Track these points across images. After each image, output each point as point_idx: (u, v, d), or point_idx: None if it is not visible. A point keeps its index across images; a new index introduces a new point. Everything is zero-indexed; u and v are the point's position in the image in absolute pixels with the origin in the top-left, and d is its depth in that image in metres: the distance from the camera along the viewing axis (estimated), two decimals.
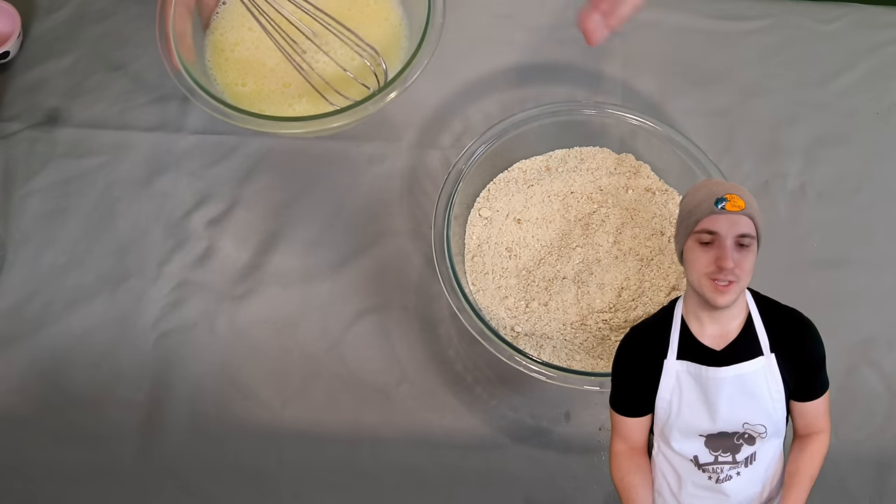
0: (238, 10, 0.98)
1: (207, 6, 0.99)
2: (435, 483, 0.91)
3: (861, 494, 0.91)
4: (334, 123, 0.91)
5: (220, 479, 0.91)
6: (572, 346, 0.92)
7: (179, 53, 0.92)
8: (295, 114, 0.96)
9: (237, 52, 0.99)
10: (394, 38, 0.99)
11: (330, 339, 0.97)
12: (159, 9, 0.93)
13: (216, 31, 1.00)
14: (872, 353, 0.97)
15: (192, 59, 0.95)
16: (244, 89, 0.98)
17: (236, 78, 0.98)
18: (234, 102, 0.95)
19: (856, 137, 1.07)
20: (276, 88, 0.98)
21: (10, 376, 0.94)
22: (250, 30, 0.99)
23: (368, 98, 0.91)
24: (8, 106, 1.06)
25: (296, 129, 0.92)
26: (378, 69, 0.94)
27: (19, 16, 1.08)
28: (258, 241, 1.01)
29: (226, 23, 1.00)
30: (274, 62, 0.98)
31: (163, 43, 0.92)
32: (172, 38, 0.92)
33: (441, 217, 0.92)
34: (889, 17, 1.13)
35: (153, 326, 0.97)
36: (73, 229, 1.01)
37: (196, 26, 0.98)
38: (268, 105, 0.97)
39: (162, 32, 0.93)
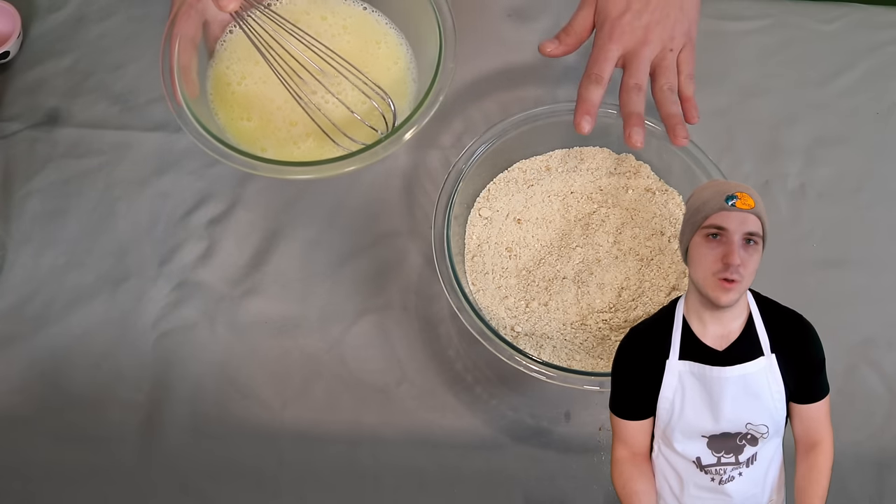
0: (244, 42, 0.94)
1: (212, 34, 0.96)
2: (435, 483, 0.91)
3: (861, 494, 0.91)
4: (344, 169, 0.87)
5: (220, 480, 0.91)
6: (572, 346, 0.92)
7: (183, 89, 0.89)
8: (300, 153, 0.93)
9: (243, 86, 0.95)
10: (402, 81, 0.97)
11: (330, 339, 0.97)
12: (163, 42, 0.90)
13: (221, 63, 0.96)
14: (872, 353, 0.97)
15: (195, 94, 0.92)
16: (249, 125, 0.94)
17: (241, 113, 0.94)
18: (235, 138, 0.93)
19: (856, 137, 1.07)
20: (282, 126, 0.94)
21: (10, 376, 0.94)
22: (257, 63, 0.94)
23: (379, 141, 0.88)
24: (8, 106, 1.07)
25: (302, 174, 0.88)
26: (387, 112, 0.92)
27: (19, 16, 1.08)
28: (258, 240, 1.01)
29: (231, 54, 0.97)
30: (282, 100, 0.94)
31: (166, 79, 0.89)
32: (176, 72, 0.89)
33: (441, 217, 0.92)
34: (889, 17, 1.13)
35: (153, 326, 0.97)
36: (73, 229, 1.01)
37: (202, 55, 0.96)
38: (271, 143, 0.93)
39: (166, 67, 0.89)
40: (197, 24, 0.93)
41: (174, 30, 0.90)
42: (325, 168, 0.87)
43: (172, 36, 0.90)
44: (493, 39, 1.12)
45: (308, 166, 0.88)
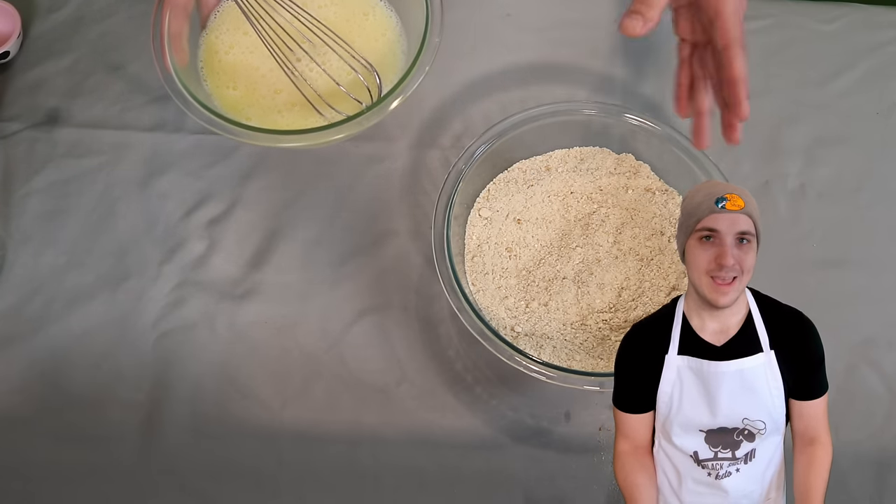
0: (236, 13, 0.97)
1: (207, 4, 0.98)
2: (435, 483, 0.91)
3: (861, 494, 0.91)
4: (329, 137, 0.89)
5: (219, 479, 0.91)
6: (572, 346, 0.92)
7: (172, 56, 0.91)
8: (284, 122, 0.95)
9: (231, 55, 0.97)
10: (391, 53, 0.98)
11: (330, 339, 0.97)
12: (155, 9, 0.92)
13: (212, 33, 0.99)
14: (872, 353, 0.97)
15: (185, 61, 0.94)
16: (234, 93, 0.96)
17: (227, 81, 0.96)
18: (222, 105, 0.94)
19: (856, 137, 1.07)
20: (267, 94, 0.96)
21: (10, 376, 0.94)
22: (246, 34, 0.97)
23: (361, 113, 0.89)
24: (8, 106, 1.07)
25: (287, 142, 0.89)
26: (372, 85, 0.93)
27: (19, 16, 1.08)
28: (258, 240, 1.01)
29: (221, 24, 0.99)
30: (267, 68, 0.96)
31: (156, 45, 0.91)
32: (166, 39, 0.91)
33: (441, 217, 0.92)
34: (889, 17, 1.13)
35: (153, 326, 0.97)
36: (73, 229, 1.01)
37: (194, 26, 0.97)
38: (256, 112, 0.95)
39: (156, 33, 0.92)
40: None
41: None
42: (310, 137, 0.88)
43: (164, 3, 0.92)
44: (492, 39, 1.12)
45: (293, 135, 0.89)
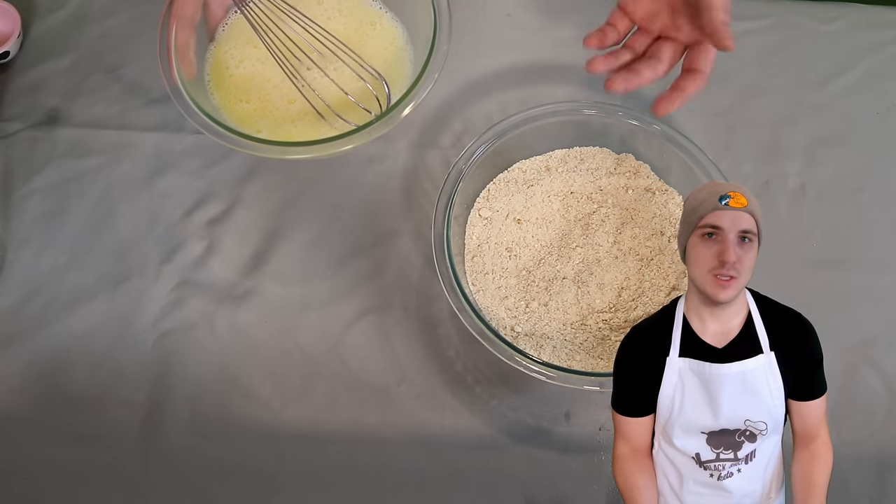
0: (244, 25, 0.96)
1: (214, 17, 0.97)
2: (435, 483, 0.91)
3: (861, 494, 0.91)
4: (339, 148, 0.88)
5: (220, 479, 0.91)
6: (572, 346, 0.92)
7: (179, 68, 0.90)
8: (297, 132, 0.95)
9: (242, 69, 0.97)
10: (398, 62, 0.98)
11: (330, 339, 0.97)
12: (161, 20, 0.91)
13: (220, 47, 0.98)
14: (872, 353, 0.97)
15: (192, 74, 0.93)
16: (246, 107, 0.95)
17: (238, 95, 0.96)
18: (231, 119, 0.93)
19: (856, 137, 1.07)
20: (280, 105, 0.95)
21: (10, 376, 0.94)
22: (255, 47, 0.97)
23: (371, 122, 0.89)
24: (8, 106, 1.07)
25: (298, 154, 0.89)
26: (381, 94, 0.93)
27: (19, 16, 1.08)
28: (258, 241, 1.01)
29: (230, 38, 0.98)
30: (279, 78, 0.96)
31: (163, 56, 0.90)
32: (174, 51, 0.90)
33: (441, 217, 0.92)
34: (889, 17, 1.13)
35: (153, 326, 0.97)
36: (73, 229, 1.01)
37: (201, 38, 0.97)
38: (268, 123, 0.95)
39: (163, 45, 0.91)
40: (196, 4, 0.94)
41: (173, 9, 0.91)
42: (319, 148, 0.88)
43: (171, 15, 0.91)
44: (493, 39, 1.12)
45: (303, 146, 0.88)
